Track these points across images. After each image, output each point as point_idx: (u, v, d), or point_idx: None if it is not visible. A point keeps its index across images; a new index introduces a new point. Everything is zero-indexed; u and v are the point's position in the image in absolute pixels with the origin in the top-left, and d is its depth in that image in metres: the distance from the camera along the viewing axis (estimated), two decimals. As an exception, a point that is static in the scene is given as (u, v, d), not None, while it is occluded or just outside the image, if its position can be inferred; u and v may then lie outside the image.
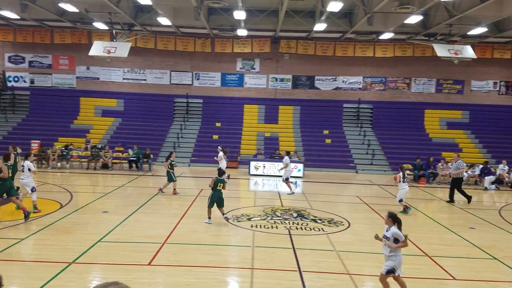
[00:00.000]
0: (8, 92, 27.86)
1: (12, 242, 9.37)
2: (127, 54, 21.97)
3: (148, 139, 25.05)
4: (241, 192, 17.85)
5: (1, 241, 9.57)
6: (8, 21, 25.23)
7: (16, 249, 9.00)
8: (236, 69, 28.47)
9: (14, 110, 27.46)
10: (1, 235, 9.98)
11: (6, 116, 26.80)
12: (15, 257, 8.49)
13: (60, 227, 10.80)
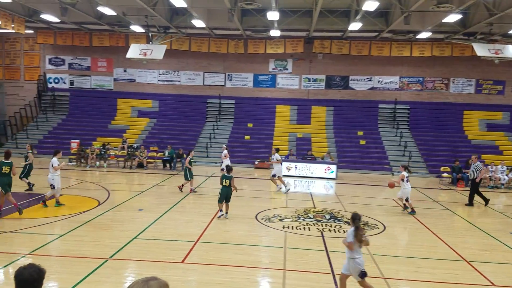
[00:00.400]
0: (48, 93, 28.96)
1: (52, 238, 9.73)
2: (162, 56, 22.40)
3: (181, 139, 25.43)
4: (272, 193, 17.80)
5: (42, 236, 9.96)
6: (49, 25, 26.26)
7: (56, 244, 9.33)
8: (268, 70, 28.48)
9: (55, 111, 28.52)
10: (42, 231, 10.37)
11: (47, 117, 27.88)
12: (55, 253, 8.80)
13: (98, 224, 11.12)
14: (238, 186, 17.52)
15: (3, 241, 9.50)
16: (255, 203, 14.53)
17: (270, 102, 28.26)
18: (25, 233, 10.08)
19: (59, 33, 27.65)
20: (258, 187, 18.16)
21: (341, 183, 20.08)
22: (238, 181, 19.12)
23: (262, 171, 22.35)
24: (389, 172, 23.44)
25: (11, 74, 29.31)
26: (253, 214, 12.68)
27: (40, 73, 29.21)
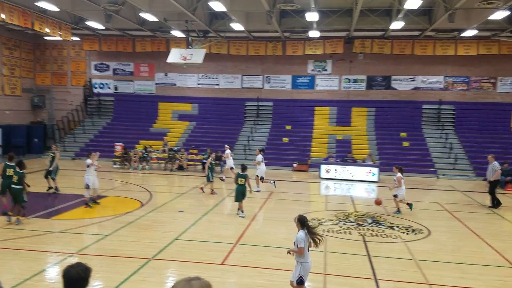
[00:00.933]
0: (94, 98, 30.08)
1: (98, 238, 10.05)
2: (202, 60, 22.70)
3: (220, 142, 25.61)
4: (311, 196, 17.62)
5: (88, 236, 10.32)
6: (94, 32, 27.30)
7: (101, 244, 9.63)
8: (307, 71, 28.26)
9: (100, 115, 29.58)
10: (88, 231, 10.75)
11: (93, 121, 28.95)
12: (100, 252, 9.08)
13: (140, 224, 11.39)
14: (276, 189, 17.59)
15: (52, 241, 9.92)
16: (294, 206, 14.41)
17: (309, 103, 28.01)
18: (72, 233, 10.48)
19: (103, 39, 28.68)
20: (296, 190, 18.02)
21: (383, 186, 19.56)
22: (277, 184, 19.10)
23: (301, 173, 22.17)
24: (434, 175, 22.61)
25: (59, 80, 30.69)
26: (292, 217, 12.48)
27: (86, 79, 30.40)
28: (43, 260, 8.68)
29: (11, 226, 10.77)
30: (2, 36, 26.84)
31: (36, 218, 11.70)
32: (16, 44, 28.30)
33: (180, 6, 18.91)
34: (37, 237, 9.97)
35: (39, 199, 14.58)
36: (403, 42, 25.59)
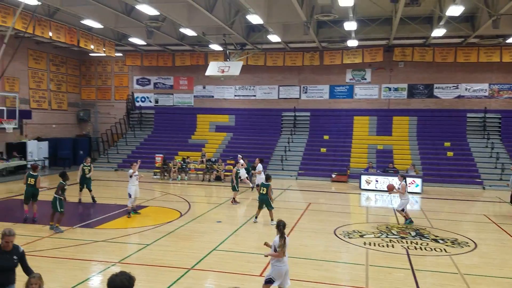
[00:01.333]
0: (136, 111, 31.02)
1: (139, 248, 10.24)
2: (239, 72, 22.94)
3: (257, 153, 25.66)
4: (351, 208, 17.24)
5: (130, 246, 10.54)
6: (136, 47, 28.29)
7: (143, 254, 9.80)
8: (345, 81, 27.93)
9: (141, 127, 30.42)
10: (130, 241, 10.98)
11: (135, 133, 29.81)
12: (142, 261, 9.23)
13: (180, 234, 11.53)
14: (314, 200, 17.37)
15: (96, 250, 10.19)
16: (333, 217, 14.15)
17: (348, 113, 27.62)
18: (115, 242, 10.74)
19: (145, 55, 29.64)
20: (336, 201, 17.69)
21: (427, 197, 18.89)
22: (315, 195, 18.87)
23: (340, 184, 21.78)
24: (480, 185, 21.60)
25: (103, 94, 31.90)
26: (331, 229, 12.35)
27: (129, 93, 31.44)
28: (87, 269, 8.92)
29: (57, 236, 11.17)
30: (50, 53, 28.28)
31: (81, 228, 12.09)
32: (62, 60, 29.73)
33: (218, 21, 19.26)
34: (82, 246, 10.29)
35: (84, 209, 15.10)
36: (445, 49, 24.88)
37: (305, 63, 26.97)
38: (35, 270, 8.20)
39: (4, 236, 5.53)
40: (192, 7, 18.93)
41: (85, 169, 15.76)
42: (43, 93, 27.81)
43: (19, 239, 10.23)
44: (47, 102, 28.19)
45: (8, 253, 5.57)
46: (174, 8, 19.21)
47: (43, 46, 27.23)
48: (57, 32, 21.83)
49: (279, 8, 19.63)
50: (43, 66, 27.83)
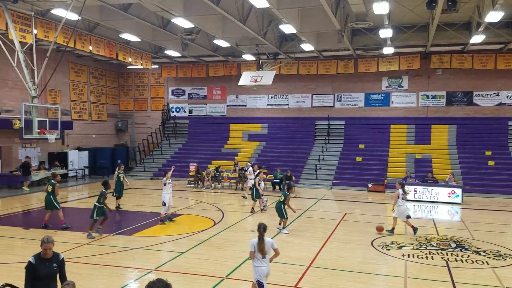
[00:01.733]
0: (171, 121, 31.64)
1: (175, 255, 10.34)
2: (271, 81, 23.04)
3: (290, 162, 25.57)
4: (389, 219, 16.77)
5: (165, 253, 10.66)
6: (172, 59, 28.96)
7: (178, 261, 9.88)
8: (381, 88, 27.43)
9: (176, 137, 30.97)
10: (165, 248, 11.11)
11: (170, 142, 30.38)
12: (177, 269, 9.30)
13: (214, 243, 11.57)
14: (350, 211, 17.05)
15: (133, 257, 10.37)
16: (370, 228, 13.81)
17: (384, 121, 27.08)
18: (151, 249, 10.91)
19: (180, 66, 30.27)
20: (372, 211, 17.28)
21: (467, 208, 18.16)
22: (351, 205, 18.52)
23: (377, 194, 21.29)
24: (526, 197, 20.58)
25: (140, 105, 32.76)
26: (368, 241, 12.05)
27: (164, 104, 32.14)
28: (125, 276, 9.08)
29: (96, 243, 11.46)
30: (90, 66, 29.37)
31: (118, 235, 12.36)
32: (102, 73, 30.79)
33: (251, 31, 19.44)
34: (119, 253, 10.50)
35: (121, 217, 15.44)
36: (484, 56, 24.09)
37: (339, 71, 26.74)
38: (75, 276, 8.43)
39: (43, 243, 5.61)
40: (226, 19, 19.21)
41: (120, 176, 16.15)
42: (83, 105, 28.85)
43: (60, 246, 10.58)
44: (87, 113, 29.22)
45: (48, 261, 5.62)
46: (208, 20, 19.56)
47: (83, 60, 28.32)
48: (97, 46, 22.66)
49: (312, 17, 19.60)
50: (84, 79, 28.91)
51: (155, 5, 16.07)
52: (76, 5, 15.90)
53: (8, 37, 17.53)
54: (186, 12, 17.72)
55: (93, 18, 19.35)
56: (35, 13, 17.88)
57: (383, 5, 15.13)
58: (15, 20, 17.29)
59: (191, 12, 17.85)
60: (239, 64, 28.69)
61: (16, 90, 22.85)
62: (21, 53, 17.23)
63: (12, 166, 22.52)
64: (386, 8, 15.57)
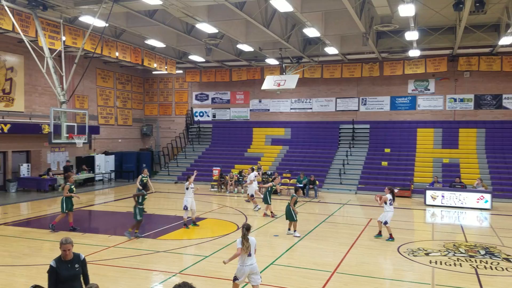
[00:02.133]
0: (195, 126, 31.93)
1: (198, 259, 10.38)
2: (295, 85, 22.96)
3: (313, 166, 25.38)
4: (415, 224, 16.42)
5: (189, 257, 10.71)
6: (196, 64, 29.26)
7: (202, 265, 9.92)
8: (407, 91, 26.97)
9: (200, 141, 31.22)
10: (189, 252, 11.17)
11: (193, 146, 30.64)
12: (201, 273, 9.33)
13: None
14: (375, 216, 16.70)
15: (158, 260, 10.47)
16: (396, 234, 13.52)
17: (410, 125, 26.59)
18: (175, 253, 10.98)
19: (204, 71, 30.56)
20: (399, 217, 16.91)
21: (497, 214, 17.58)
22: (376, 210, 18.16)
23: (403, 199, 20.86)
24: (561, 203, 19.77)
25: (164, 110, 33.21)
26: (394, 247, 11.81)
27: (188, 108, 32.47)
28: (150, 278, 9.17)
29: (122, 245, 11.62)
30: (116, 72, 29.98)
31: (143, 238, 12.51)
32: (128, 79, 31.38)
33: (274, 35, 19.45)
34: (144, 256, 10.61)
35: (146, 220, 15.62)
36: (515, 57, 23.38)
37: (364, 74, 26.44)
38: (101, 279, 8.57)
39: (61, 245, 5.59)
40: (250, 23, 19.29)
41: (143, 180, 16.35)
42: (110, 110, 29.45)
43: (86, 248, 10.78)
44: (113, 118, 29.80)
45: (69, 262, 5.60)
46: (232, 25, 19.69)
47: (110, 66, 28.94)
48: (123, 52, 23.12)
49: (336, 20, 19.46)
50: (110, 84, 29.53)
51: (180, 11, 16.28)
52: (103, 12, 16.29)
53: (38, 44, 18.08)
54: (210, 18, 17.89)
55: (120, 24, 19.75)
56: (64, 21, 18.40)
57: (408, 8, 14.90)
58: (45, 27, 17.83)
59: (215, 17, 18.01)
60: (262, 68, 28.74)
61: (45, 96, 23.53)
62: (50, 60, 17.71)
63: (41, 170, 23.15)
64: (412, 11, 15.32)
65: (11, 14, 16.16)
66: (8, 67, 21.44)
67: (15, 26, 16.56)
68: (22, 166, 22.17)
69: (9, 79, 21.53)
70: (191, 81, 31.57)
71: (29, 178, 22.10)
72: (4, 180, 21.82)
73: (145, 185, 13.67)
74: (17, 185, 21.79)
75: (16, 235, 12.67)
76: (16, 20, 16.52)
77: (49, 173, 22.34)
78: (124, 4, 15.82)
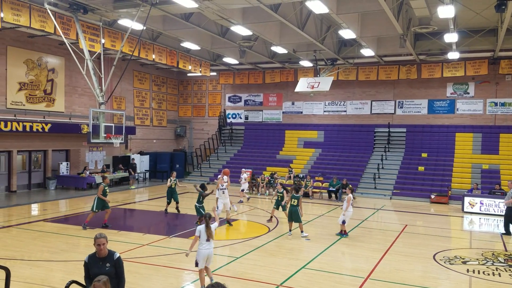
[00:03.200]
0: (227, 127, 32.16)
1: (230, 260, 10.42)
2: (329, 88, 22.72)
3: (347, 170, 25.00)
4: (452, 231, 15.86)
5: (221, 257, 10.75)
6: (229, 66, 29.48)
7: (233, 266, 9.94)
8: (446, 95, 26.15)
9: (232, 143, 31.41)
10: (221, 253, 11.22)
11: (225, 148, 30.86)
12: (232, 274, 9.35)
13: (268, 249, 11.52)
14: (410, 222, 16.34)
15: (190, 259, 10.52)
16: (432, 241, 13.12)
17: (448, 129, 25.76)
18: (206, 253, 11.03)
19: (237, 73, 30.76)
20: (435, 223, 16.42)
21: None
22: (412, 216, 17.73)
23: (440, 206, 20.22)
24: None
25: (197, 111, 33.64)
26: (430, 254, 11.44)
27: (221, 110, 32.76)
28: (181, 277, 9.27)
29: (155, 244, 11.81)
30: (152, 74, 30.62)
31: (176, 237, 12.67)
32: (163, 80, 32.00)
33: (309, 37, 19.32)
34: (177, 255, 10.74)
35: (179, 220, 15.85)
36: (562, 59, 22.23)
37: (400, 77, 25.87)
38: (134, 276, 8.74)
39: (96, 239, 5.55)
40: (284, 25, 19.26)
41: (172, 183, 16.54)
42: (145, 111, 30.11)
43: (121, 246, 11.03)
44: (149, 119, 30.45)
45: (101, 260, 5.51)
46: (266, 27, 19.71)
47: (146, 68, 29.60)
48: (159, 55, 23.60)
49: (373, 21, 19.13)
50: (146, 86, 30.20)
51: (215, 13, 16.44)
52: (141, 15, 16.68)
53: (78, 46, 18.72)
54: (244, 20, 17.98)
55: (156, 27, 20.17)
56: (103, 24, 18.98)
57: (448, 9, 14.47)
58: (85, 30, 18.45)
59: (249, 19, 18.08)
60: (295, 70, 28.62)
61: (84, 97, 24.33)
62: (90, 62, 18.29)
63: (79, 168, 23.93)
64: (451, 12, 14.87)
65: (53, 17, 16.82)
66: (49, 68, 22.32)
67: (57, 29, 17.22)
68: (62, 165, 22.97)
69: (51, 80, 22.41)
70: (224, 83, 31.83)
71: (67, 176, 22.87)
72: (44, 177, 22.70)
73: (204, 186, 14.04)
74: (56, 183, 22.62)
75: (54, 231, 13.13)
76: (58, 23, 17.17)
77: (85, 171, 23.05)
78: (161, 7, 16.15)
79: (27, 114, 20.86)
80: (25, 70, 20.97)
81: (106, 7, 16.68)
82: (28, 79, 21.12)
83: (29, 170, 22.07)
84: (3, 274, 5.90)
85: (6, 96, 20.08)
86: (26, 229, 13.28)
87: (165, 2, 15.70)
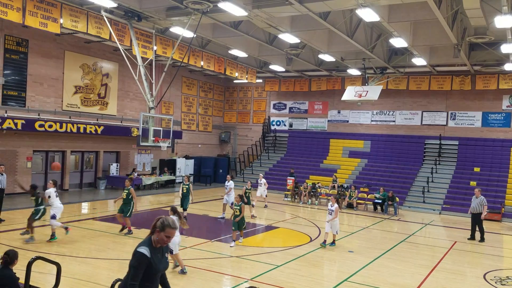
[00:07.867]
0: (271, 134, 32.18)
1: (270, 267, 10.34)
2: (377, 97, 22.21)
3: (394, 182, 24.25)
4: (505, 251, 14.93)
5: (261, 265, 10.71)
6: (275, 74, 29.55)
7: (273, 274, 9.86)
8: (501, 108, 24.83)
9: (275, 150, 31.38)
10: (261, 260, 11.17)
11: (269, 155, 30.88)
12: (272, 282, 9.27)
13: (310, 259, 11.34)
14: (460, 239, 15.59)
15: (230, 265, 10.61)
16: (483, 260, 12.44)
17: (504, 143, 24.40)
18: (247, 259, 11.05)
19: (283, 81, 30.78)
20: (486, 241, 15.53)
21: None
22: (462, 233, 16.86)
23: (492, 223, 19.13)
24: None
25: (242, 118, 33.94)
26: (480, 273, 10.83)
27: (265, 117, 32.87)
28: (222, 282, 9.32)
29: (197, 247, 11.97)
30: (200, 80, 31.27)
31: (217, 242, 12.78)
32: (210, 87, 32.59)
33: (358, 45, 19.01)
34: (218, 260, 10.82)
35: (221, 225, 15.97)
36: None
37: (453, 88, 24.87)
38: (176, 276, 8.86)
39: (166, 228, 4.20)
40: (332, 33, 19.08)
41: (183, 188, 15.68)
42: (192, 116, 30.76)
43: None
44: (195, 124, 31.07)
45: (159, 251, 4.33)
46: (314, 35, 19.60)
47: (194, 74, 30.28)
48: (207, 62, 24.08)
49: (426, 30, 18.54)
50: (194, 92, 30.87)
51: (264, 21, 16.56)
52: (192, 23, 17.10)
53: (131, 52, 19.46)
54: (293, 28, 17.98)
55: (206, 35, 20.60)
56: (156, 31, 19.62)
57: (506, 19, 13.75)
58: (138, 37, 19.15)
59: (298, 27, 18.06)
60: (343, 78, 28.24)
61: (136, 101, 25.22)
62: (142, 68, 18.95)
63: (128, 170, 24.77)
64: (509, 22, 14.12)
65: (109, 24, 17.60)
66: (104, 73, 23.34)
67: (112, 35, 17.98)
68: (112, 166, 23.88)
69: (105, 84, 23.42)
70: (270, 90, 31.93)
71: (117, 177, 23.71)
72: (95, 177, 23.68)
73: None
74: (106, 183, 23.52)
75: (102, 230, 13.63)
76: (113, 30, 17.93)
77: (134, 173, 23.79)
78: (211, 15, 16.48)
79: (81, 116, 21.88)
80: (81, 74, 22.05)
81: (159, 15, 17.25)
82: (83, 83, 22.18)
83: (81, 170, 23.11)
84: (54, 269, 6.17)
85: (62, 99, 21.17)
86: (76, 226, 13.86)
87: (215, 11, 16.00)
